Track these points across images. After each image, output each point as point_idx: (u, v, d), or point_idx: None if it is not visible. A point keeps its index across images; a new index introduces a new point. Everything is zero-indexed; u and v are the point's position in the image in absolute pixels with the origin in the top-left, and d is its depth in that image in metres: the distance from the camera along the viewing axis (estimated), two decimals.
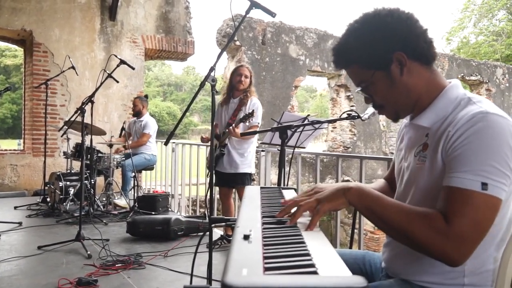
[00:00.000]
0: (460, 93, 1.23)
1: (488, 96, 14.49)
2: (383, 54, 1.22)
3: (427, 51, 1.24)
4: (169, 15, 8.51)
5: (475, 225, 1.03)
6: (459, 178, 1.06)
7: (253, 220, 1.12)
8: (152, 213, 5.22)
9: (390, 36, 1.21)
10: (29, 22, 7.08)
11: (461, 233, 1.03)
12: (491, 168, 1.04)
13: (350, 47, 1.27)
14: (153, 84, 58.07)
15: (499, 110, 1.13)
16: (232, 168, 3.99)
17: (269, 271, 0.74)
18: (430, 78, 1.26)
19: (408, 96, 1.26)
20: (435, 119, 1.22)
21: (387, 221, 1.13)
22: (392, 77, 1.24)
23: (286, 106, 10.58)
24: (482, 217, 1.04)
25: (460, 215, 1.04)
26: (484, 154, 1.05)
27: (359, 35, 1.25)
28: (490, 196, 1.04)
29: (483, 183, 1.04)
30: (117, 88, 7.84)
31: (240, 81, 3.97)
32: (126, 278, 3.14)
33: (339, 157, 3.78)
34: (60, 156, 7.15)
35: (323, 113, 32.94)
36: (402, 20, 1.23)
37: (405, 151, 1.36)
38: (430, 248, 1.06)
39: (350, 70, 1.32)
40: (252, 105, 3.95)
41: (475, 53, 26.06)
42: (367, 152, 12.14)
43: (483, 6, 27.91)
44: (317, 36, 11.18)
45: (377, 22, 1.24)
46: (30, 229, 4.58)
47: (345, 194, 1.17)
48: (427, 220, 1.06)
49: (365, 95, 1.33)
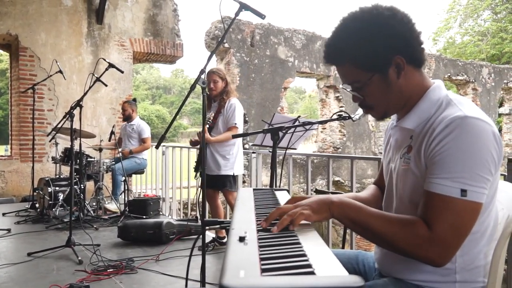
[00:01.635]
0: (442, 94, 1.23)
1: (475, 95, 14.65)
2: (383, 57, 1.20)
3: (421, 55, 1.24)
4: (157, 18, 8.48)
5: (454, 230, 1.06)
6: (439, 185, 1.09)
7: (247, 222, 1.12)
8: (143, 217, 5.19)
9: (392, 39, 1.19)
10: (15, 26, 7.00)
11: (442, 238, 1.06)
12: (471, 174, 1.06)
13: (347, 44, 1.22)
14: (142, 87, 57.79)
15: (479, 112, 1.13)
16: (214, 170, 4.02)
17: (266, 273, 0.74)
18: (419, 80, 1.26)
19: (400, 98, 1.26)
20: (418, 121, 1.23)
21: (371, 231, 1.14)
22: (389, 80, 1.22)
23: (276, 108, 10.59)
24: (461, 222, 1.07)
25: (440, 221, 1.07)
26: (463, 160, 1.06)
27: (360, 34, 1.20)
28: (470, 201, 1.07)
29: (462, 189, 1.06)
30: (106, 92, 7.78)
31: (211, 89, 3.97)
32: (118, 283, 3.12)
33: (330, 157, 3.80)
34: (49, 161, 7.08)
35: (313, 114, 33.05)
36: (405, 23, 1.20)
37: (392, 152, 1.37)
38: (414, 254, 1.09)
39: (343, 68, 1.27)
40: (229, 107, 3.97)
41: (461, 53, 26.35)
42: (356, 152, 12.20)
43: (468, 7, 28.24)
44: (305, 37, 11.22)
45: (380, 22, 1.19)
46: (19, 236, 4.52)
47: (329, 208, 1.17)
48: (410, 228, 1.09)
49: (355, 94, 1.29)
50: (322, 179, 10.91)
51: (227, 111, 3.94)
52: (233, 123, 3.94)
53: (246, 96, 10.10)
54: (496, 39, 25.90)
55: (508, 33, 25.59)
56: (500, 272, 1.19)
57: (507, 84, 15.77)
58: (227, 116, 3.96)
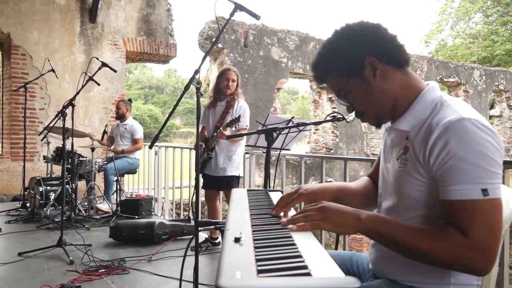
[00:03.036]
0: (437, 95, 1.25)
1: (466, 97, 14.75)
2: (354, 60, 1.26)
3: (398, 55, 1.27)
4: (151, 18, 8.45)
5: (490, 231, 1.05)
6: (459, 191, 1.07)
7: (242, 223, 1.12)
8: (135, 217, 5.17)
9: (358, 42, 1.26)
10: (7, 24, 6.95)
11: (481, 243, 1.04)
12: (485, 172, 1.06)
13: (324, 58, 1.32)
14: (134, 87, 57.53)
15: (473, 112, 1.14)
16: (219, 171, 3.95)
17: (263, 274, 0.74)
18: (405, 81, 1.28)
19: (385, 100, 1.28)
20: (414, 122, 1.24)
21: (404, 246, 1.12)
22: (367, 82, 1.27)
23: (269, 108, 10.59)
24: (493, 222, 1.06)
25: (473, 225, 1.05)
26: (474, 160, 1.06)
27: (331, 46, 1.31)
28: (492, 199, 1.06)
29: (483, 189, 1.06)
30: (98, 91, 7.75)
31: (228, 86, 3.93)
32: (110, 284, 3.10)
33: (323, 158, 3.80)
34: (40, 160, 7.03)
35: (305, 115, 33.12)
36: (369, 27, 1.28)
37: (388, 152, 1.37)
38: (456, 265, 1.07)
39: (329, 82, 1.35)
40: (239, 108, 3.92)
41: (453, 55, 26.54)
42: (349, 154, 12.24)
43: (460, 9, 28.46)
44: (298, 38, 11.23)
45: (346, 32, 1.30)
46: (10, 235, 4.48)
47: (355, 225, 1.15)
48: (447, 239, 1.07)
49: (346, 104, 1.36)
50: (314, 180, 10.92)
51: (237, 112, 3.88)
52: (244, 125, 3.90)
53: (244, 96, 10.09)
54: (487, 41, 26.12)
55: (499, 35, 25.82)
56: (494, 273, 1.20)
57: (498, 86, 15.90)
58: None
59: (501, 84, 15.95)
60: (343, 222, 1.15)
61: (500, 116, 16.60)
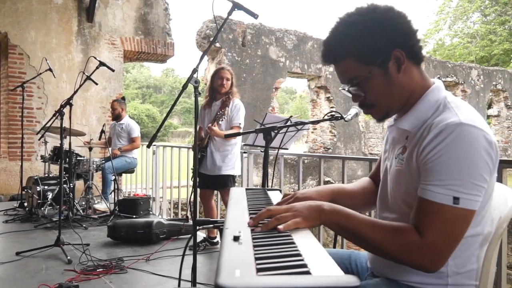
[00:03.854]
0: (441, 96, 1.22)
1: (464, 97, 14.78)
2: (383, 49, 1.19)
3: (420, 50, 1.24)
4: (148, 17, 8.44)
5: (446, 237, 1.06)
6: (432, 192, 1.08)
7: (241, 222, 1.11)
8: (133, 217, 5.16)
9: (392, 31, 1.19)
10: (4, 24, 6.93)
11: (433, 245, 1.06)
12: (464, 182, 1.05)
13: (348, 39, 1.21)
14: (132, 86, 57.47)
15: (475, 118, 1.12)
16: (214, 170, 3.94)
17: (262, 272, 0.74)
18: (420, 78, 1.25)
19: (401, 95, 1.24)
20: (415, 122, 1.22)
21: (362, 238, 1.14)
22: (389, 74, 1.21)
23: (267, 108, 10.60)
24: (453, 230, 1.07)
25: (431, 228, 1.07)
26: (456, 167, 1.05)
27: (360, 27, 1.19)
28: (462, 209, 1.06)
29: (454, 197, 1.05)
30: (96, 91, 7.74)
31: (222, 85, 3.92)
32: (108, 283, 3.09)
33: (322, 158, 3.80)
34: (37, 160, 7.02)
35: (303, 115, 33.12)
36: (402, 16, 1.21)
37: (389, 151, 1.37)
38: (405, 260, 1.10)
39: (344, 64, 1.24)
40: (234, 107, 3.92)
41: (451, 55, 26.62)
42: (347, 153, 12.25)
43: (458, 9, 28.54)
44: (296, 37, 11.24)
45: (378, 15, 1.20)
46: (7, 235, 4.47)
47: (320, 216, 1.15)
48: (400, 235, 1.09)
49: (356, 92, 1.27)
50: (312, 179, 10.93)
51: (231, 111, 3.89)
52: (237, 122, 3.90)
53: (239, 95, 10.10)
54: (485, 41, 26.21)
55: (497, 35, 25.90)
56: (491, 273, 1.20)
57: (496, 86, 15.95)
58: (231, 116, 3.91)
59: (499, 84, 15.99)
60: (310, 216, 1.14)
61: (498, 115, 16.65)
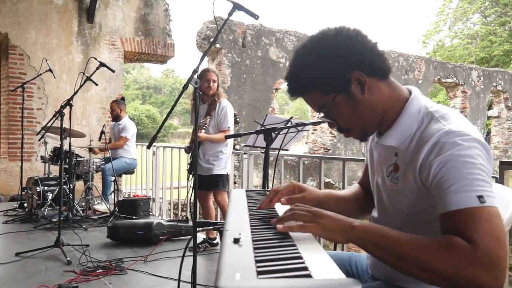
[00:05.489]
0: (422, 105, 1.20)
1: (464, 98, 14.78)
2: (341, 75, 1.16)
3: (382, 64, 1.20)
4: (148, 18, 8.43)
5: (496, 239, 0.94)
6: (455, 200, 1.00)
7: (241, 223, 1.11)
8: (133, 218, 5.15)
9: (344, 55, 1.16)
10: (4, 24, 6.93)
11: (489, 252, 0.92)
12: (478, 181, 1.00)
13: (305, 72, 1.20)
14: (132, 87, 57.44)
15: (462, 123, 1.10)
16: (207, 170, 3.99)
17: (263, 275, 0.73)
18: (390, 92, 1.22)
19: (373, 114, 1.22)
20: (401, 138, 1.20)
21: (402, 257, 1.00)
22: (354, 98, 1.18)
23: (267, 109, 10.59)
24: (497, 229, 0.96)
25: (478, 232, 0.94)
26: (466, 169, 1.02)
27: (313, 59, 1.18)
28: (490, 207, 0.98)
29: (478, 196, 0.98)
30: (96, 91, 7.73)
31: (209, 87, 3.94)
32: (108, 284, 3.09)
33: (322, 159, 3.80)
34: (37, 160, 7.01)
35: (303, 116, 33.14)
36: (352, 37, 1.18)
37: (376, 166, 1.34)
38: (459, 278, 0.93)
39: (308, 97, 1.24)
40: (221, 109, 3.95)
41: (451, 56, 26.62)
42: (347, 154, 12.24)
43: (458, 10, 28.53)
44: (297, 38, 11.23)
45: (328, 43, 1.18)
46: (7, 236, 4.46)
47: (348, 232, 1.07)
48: (450, 248, 0.95)
49: (329, 121, 1.26)
50: (312, 181, 10.92)
51: (218, 114, 3.93)
52: (226, 126, 3.93)
53: (237, 97, 10.09)
54: (485, 42, 26.20)
55: (497, 36, 25.89)
56: None
57: (496, 87, 15.92)
58: (218, 119, 3.94)
59: (499, 85, 15.97)
60: (334, 228, 1.07)
61: (498, 117, 16.63)
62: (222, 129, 3.94)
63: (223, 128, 3.93)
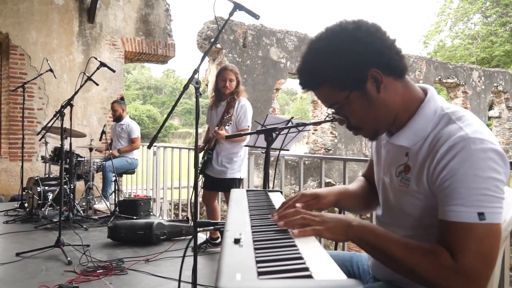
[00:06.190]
0: (438, 106, 1.17)
1: (465, 98, 14.76)
2: (357, 72, 1.13)
3: (399, 63, 1.16)
4: (149, 18, 8.44)
5: (482, 258, 0.99)
6: (455, 212, 1.02)
7: (242, 224, 1.10)
8: (133, 218, 5.15)
9: (362, 51, 1.11)
10: (5, 25, 6.94)
11: (470, 269, 0.98)
12: (484, 196, 1.00)
13: (319, 66, 1.16)
14: (133, 87, 57.43)
15: (480, 128, 1.08)
16: (220, 173, 3.90)
17: (263, 276, 0.73)
18: (405, 91, 1.19)
19: (386, 114, 1.19)
20: (414, 139, 1.17)
21: (392, 259, 1.07)
22: (369, 96, 1.15)
23: (268, 109, 10.59)
24: (487, 248, 1.00)
25: (464, 250, 0.99)
26: (473, 183, 1.00)
27: (329, 54, 1.14)
28: (489, 224, 0.99)
29: (479, 213, 0.99)
30: (97, 91, 7.73)
31: (225, 86, 3.85)
32: (108, 284, 3.08)
33: (323, 159, 3.79)
34: (38, 160, 7.01)
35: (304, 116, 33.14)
36: (372, 33, 1.13)
37: (384, 165, 1.32)
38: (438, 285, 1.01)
39: (320, 91, 1.20)
40: (240, 107, 3.86)
41: (451, 56, 26.60)
42: (348, 154, 12.24)
43: (459, 10, 28.52)
44: (297, 39, 11.23)
45: (346, 37, 1.13)
46: (7, 236, 4.46)
47: (347, 231, 1.10)
48: (434, 257, 1.01)
49: (340, 117, 1.22)
50: (313, 181, 10.92)
51: (237, 112, 3.84)
52: (245, 125, 3.86)
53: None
54: (486, 42, 26.18)
55: (498, 36, 25.88)
56: (496, 276, 1.19)
57: (497, 87, 15.91)
58: (238, 118, 3.85)
59: (500, 85, 15.97)
60: (335, 229, 1.10)
61: (499, 117, 16.62)
62: (241, 128, 3.85)
63: (242, 127, 3.84)
